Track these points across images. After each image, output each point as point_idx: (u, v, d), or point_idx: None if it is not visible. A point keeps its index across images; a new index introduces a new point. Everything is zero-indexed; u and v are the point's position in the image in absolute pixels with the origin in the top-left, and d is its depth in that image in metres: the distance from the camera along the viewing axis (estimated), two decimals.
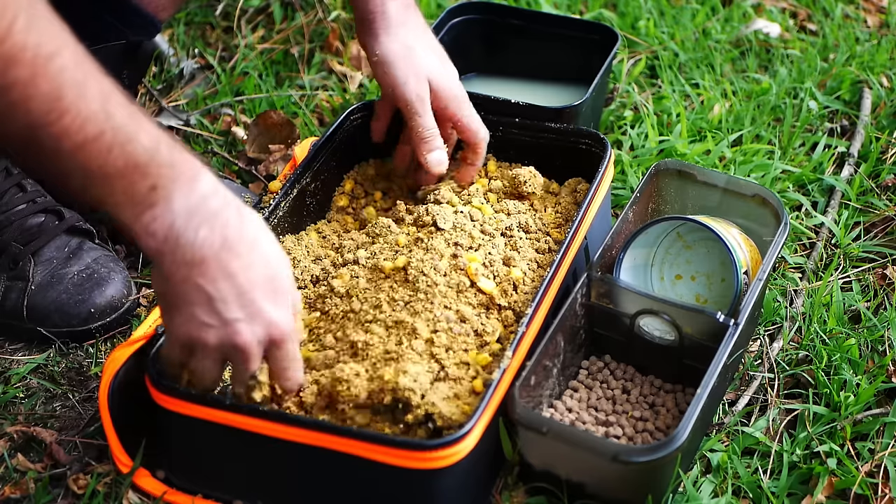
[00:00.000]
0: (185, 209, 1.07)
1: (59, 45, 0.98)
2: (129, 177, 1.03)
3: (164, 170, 1.05)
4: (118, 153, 1.02)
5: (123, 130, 1.02)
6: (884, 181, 1.72)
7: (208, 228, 1.08)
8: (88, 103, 1.00)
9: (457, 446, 1.14)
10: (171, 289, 1.10)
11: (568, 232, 1.38)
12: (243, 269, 1.10)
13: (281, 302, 1.13)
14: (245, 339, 1.11)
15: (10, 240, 1.49)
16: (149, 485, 1.25)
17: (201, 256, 1.08)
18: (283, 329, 1.13)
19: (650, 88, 1.94)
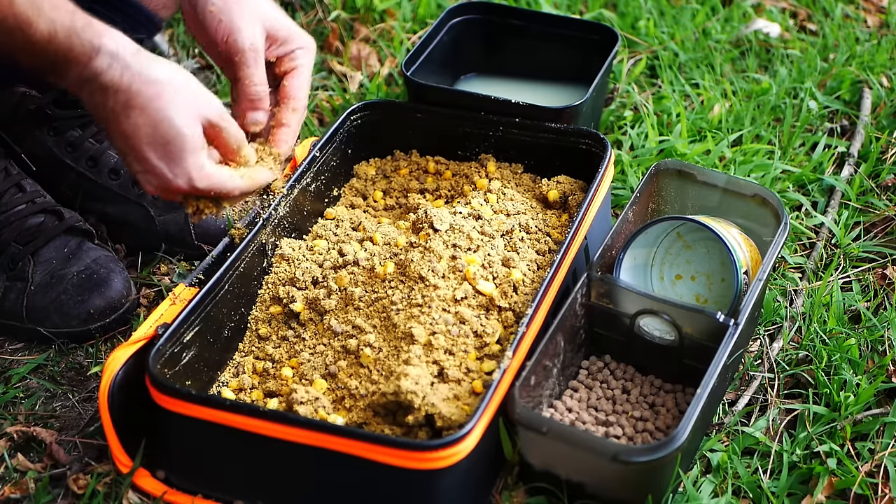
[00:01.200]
0: (79, 83, 1.17)
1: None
2: (32, 55, 1.13)
3: (62, 52, 1.14)
4: (19, 36, 1.11)
5: (24, 16, 1.11)
6: (884, 181, 1.72)
7: (101, 96, 1.17)
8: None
9: (457, 447, 1.14)
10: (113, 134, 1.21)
11: (568, 232, 1.38)
12: (133, 132, 1.19)
13: (174, 157, 1.21)
14: (148, 188, 1.24)
15: (10, 240, 1.49)
16: (149, 485, 1.25)
17: (102, 118, 1.19)
18: (177, 183, 1.22)
19: (650, 88, 1.94)
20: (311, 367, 1.33)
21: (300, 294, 1.39)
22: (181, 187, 1.23)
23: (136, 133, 1.18)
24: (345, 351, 1.32)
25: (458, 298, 1.33)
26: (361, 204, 1.57)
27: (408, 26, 2.07)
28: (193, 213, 1.28)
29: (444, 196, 1.56)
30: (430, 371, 1.27)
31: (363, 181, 1.60)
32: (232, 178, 1.27)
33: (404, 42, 2.03)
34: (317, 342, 1.36)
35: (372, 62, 2.00)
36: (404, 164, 1.62)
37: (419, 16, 2.09)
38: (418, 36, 2.05)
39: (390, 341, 1.31)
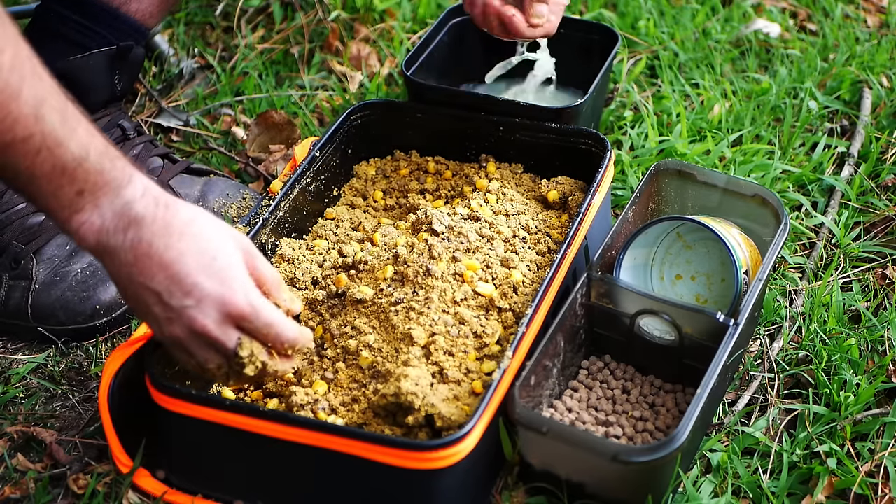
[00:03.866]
0: (111, 214, 1.09)
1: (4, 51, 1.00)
2: (56, 180, 1.06)
3: (92, 176, 1.08)
4: (46, 156, 1.04)
5: (53, 135, 1.04)
6: (884, 181, 1.72)
7: (135, 229, 1.09)
8: (20, 105, 1.02)
9: (457, 446, 1.14)
10: (126, 292, 1.12)
11: (568, 232, 1.38)
12: (177, 259, 1.10)
13: (226, 278, 1.12)
14: (201, 323, 1.12)
15: (11, 239, 1.49)
16: (149, 485, 1.25)
17: (134, 257, 1.09)
18: (238, 302, 1.12)
19: (650, 88, 1.94)
20: (311, 369, 1.33)
21: (300, 294, 1.39)
22: (240, 306, 1.12)
23: (182, 259, 1.10)
24: (344, 352, 1.32)
25: (458, 300, 1.33)
26: (361, 204, 1.57)
27: (408, 26, 2.07)
28: (248, 361, 1.15)
29: (444, 196, 1.57)
30: (429, 372, 1.27)
31: (363, 181, 1.60)
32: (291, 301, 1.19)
33: (404, 42, 2.03)
34: (317, 343, 1.36)
35: (372, 62, 2.00)
36: (404, 165, 1.62)
37: (419, 16, 2.09)
38: (418, 36, 2.05)
39: (390, 342, 1.31)
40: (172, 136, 1.86)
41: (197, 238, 1.11)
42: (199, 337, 1.13)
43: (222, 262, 1.12)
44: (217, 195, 1.60)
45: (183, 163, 1.63)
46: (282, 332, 1.16)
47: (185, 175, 1.62)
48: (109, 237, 1.09)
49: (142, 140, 1.61)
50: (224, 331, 1.13)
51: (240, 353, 1.14)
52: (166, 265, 1.10)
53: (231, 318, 1.13)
